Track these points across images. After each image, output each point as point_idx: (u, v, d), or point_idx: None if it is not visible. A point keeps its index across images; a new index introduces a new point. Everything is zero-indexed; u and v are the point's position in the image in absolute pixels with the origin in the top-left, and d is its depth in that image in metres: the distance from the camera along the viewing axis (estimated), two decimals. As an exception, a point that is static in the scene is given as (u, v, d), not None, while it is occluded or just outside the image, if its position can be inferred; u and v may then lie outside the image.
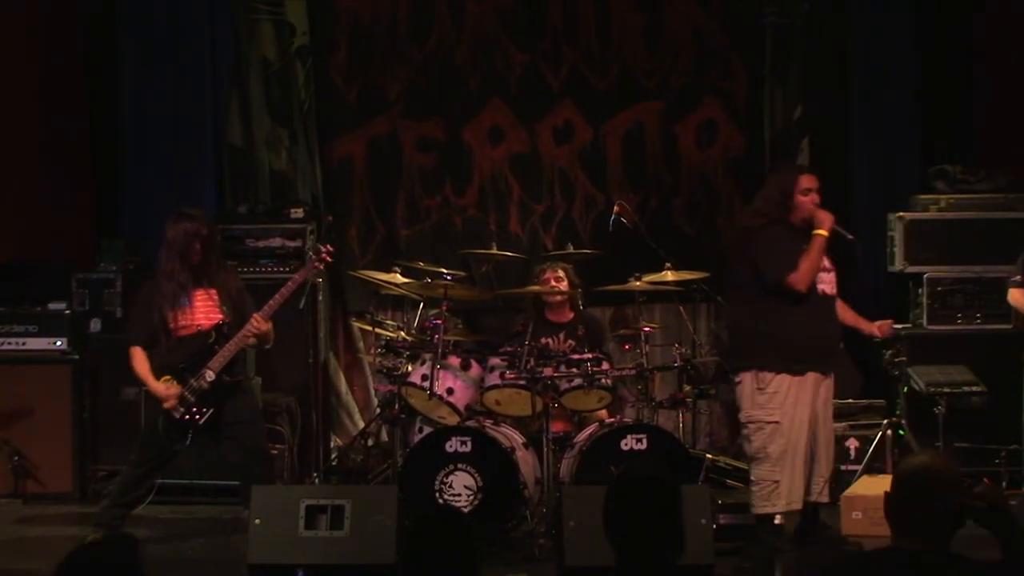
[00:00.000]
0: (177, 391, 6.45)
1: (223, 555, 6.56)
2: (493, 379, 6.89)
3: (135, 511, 6.75)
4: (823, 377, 6.13)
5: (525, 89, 8.78)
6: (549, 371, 6.77)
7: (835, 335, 6.25)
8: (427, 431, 6.91)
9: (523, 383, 6.77)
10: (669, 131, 8.78)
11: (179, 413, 6.45)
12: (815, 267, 6.02)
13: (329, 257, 6.86)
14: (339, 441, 8.70)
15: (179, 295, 6.52)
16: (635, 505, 3.29)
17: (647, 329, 7.03)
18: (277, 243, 8.19)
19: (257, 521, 5.90)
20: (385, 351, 7.28)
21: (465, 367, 6.94)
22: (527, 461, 6.67)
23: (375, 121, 8.81)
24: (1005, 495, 3.31)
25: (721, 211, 8.73)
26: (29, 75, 8.38)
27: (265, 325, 6.53)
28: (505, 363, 6.87)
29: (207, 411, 6.47)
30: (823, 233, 6.05)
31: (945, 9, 8.61)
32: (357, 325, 8.55)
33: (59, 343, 7.93)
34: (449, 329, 7.20)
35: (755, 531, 6.15)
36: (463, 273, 7.98)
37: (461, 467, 6.51)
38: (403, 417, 7.07)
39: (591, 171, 8.79)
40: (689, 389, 7.21)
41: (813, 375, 6.07)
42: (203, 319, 6.56)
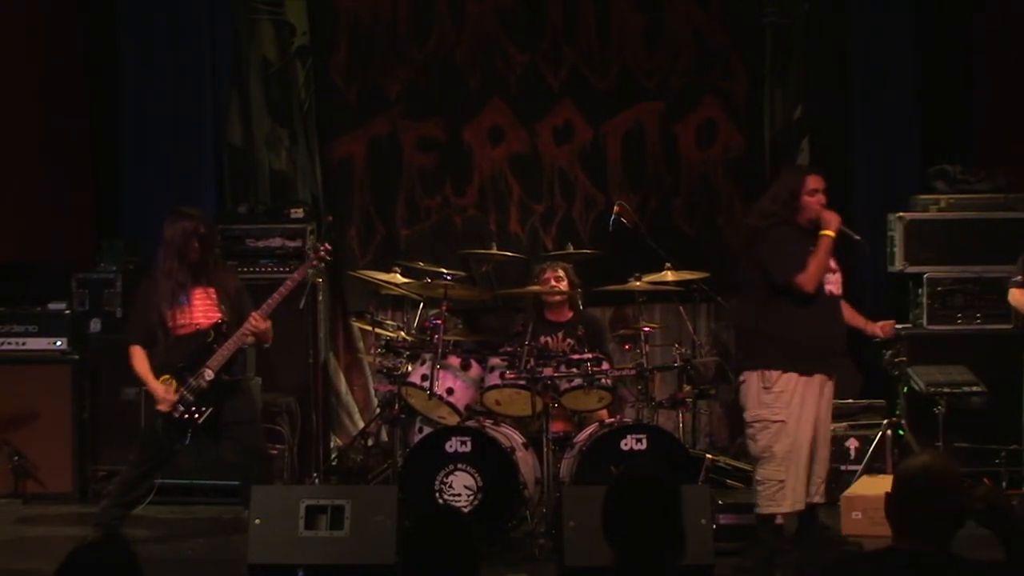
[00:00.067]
0: (174, 396, 6.45)
1: (223, 555, 6.56)
2: (493, 379, 6.89)
3: (135, 511, 6.76)
4: (827, 379, 6.13)
5: (525, 89, 8.77)
6: (549, 371, 6.77)
7: (841, 336, 6.24)
8: (427, 431, 6.91)
9: (523, 383, 6.77)
10: (669, 131, 8.77)
11: (178, 412, 6.45)
12: (823, 268, 6.01)
13: (327, 255, 6.87)
14: (339, 441, 8.69)
15: (178, 294, 6.53)
16: (635, 505, 3.28)
17: (647, 329, 7.04)
18: (277, 243, 8.19)
19: (257, 521, 5.90)
20: (385, 351, 7.28)
21: (465, 367, 6.93)
22: (527, 461, 6.67)
23: (375, 121, 8.80)
24: (1006, 495, 3.31)
25: (721, 211, 8.73)
26: (29, 75, 8.38)
27: (263, 324, 6.53)
28: (505, 363, 6.87)
29: (206, 410, 6.47)
30: (830, 234, 6.03)
31: (945, 9, 8.60)
32: (357, 325, 8.55)
33: (59, 343, 7.92)
34: (449, 329, 7.20)
35: (755, 531, 6.15)
36: (463, 273, 7.98)
37: (461, 467, 6.51)
38: (403, 417, 7.07)
39: (591, 171, 8.78)
40: (689, 389, 7.21)
41: (819, 376, 6.07)
42: (202, 318, 6.56)
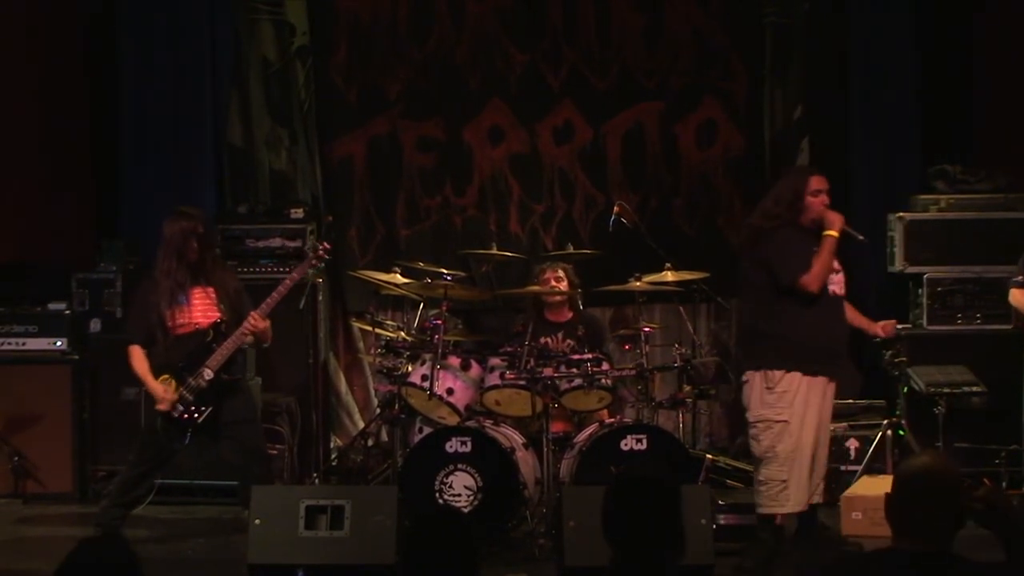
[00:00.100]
0: (173, 396, 6.45)
1: (223, 555, 6.56)
2: (493, 379, 6.88)
3: (135, 511, 6.76)
4: (830, 382, 6.13)
5: (525, 89, 8.77)
6: (549, 371, 6.77)
7: (844, 336, 6.23)
8: (427, 431, 6.90)
9: (523, 383, 6.77)
10: (669, 131, 8.77)
11: (178, 412, 6.45)
12: (827, 268, 6.01)
13: (326, 254, 6.87)
14: (339, 441, 8.69)
15: (177, 293, 6.53)
16: (635, 505, 3.28)
17: (647, 329, 7.03)
18: (277, 243, 8.19)
19: (257, 521, 5.90)
20: (385, 351, 7.27)
21: (465, 367, 6.93)
22: (527, 461, 6.66)
23: (375, 121, 8.80)
24: (1006, 496, 3.30)
25: (721, 211, 8.73)
26: (29, 75, 8.37)
27: (262, 323, 6.52)
28: (505, 363, 6.87)
29: (205, 410, 6.46)
30: (834, 234, 6.03)
31: (945, 9, 8.60)
32: (357, 325, 8.54)
33: (59, 343, 7.92)
34: (449, 329, 7.20)
35: (755, 531, 6.15)
36: (463, 273, 7.97)
37: (461, 467, 6.50)
38: (403, 417, 7.06)
39: (591, 171, 8.78)
40: (689, 389, 7.21)
41: (822, 378, 6.06)
42: (201, 317, 6.56)
